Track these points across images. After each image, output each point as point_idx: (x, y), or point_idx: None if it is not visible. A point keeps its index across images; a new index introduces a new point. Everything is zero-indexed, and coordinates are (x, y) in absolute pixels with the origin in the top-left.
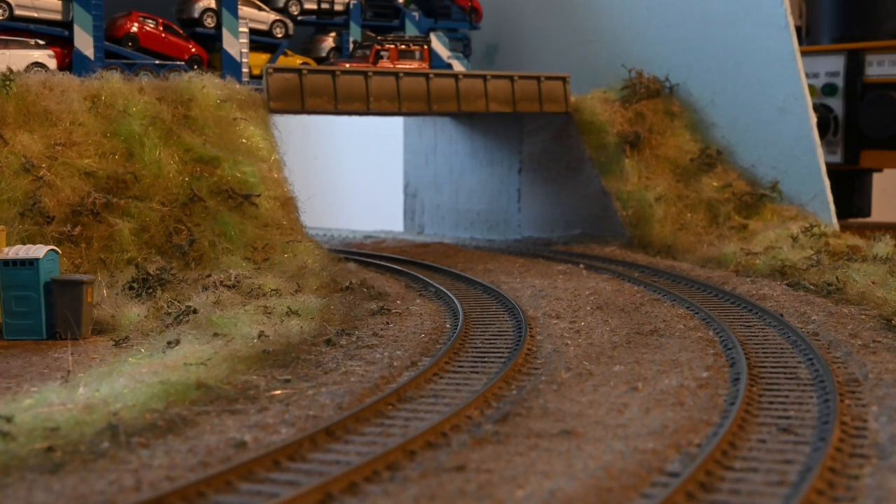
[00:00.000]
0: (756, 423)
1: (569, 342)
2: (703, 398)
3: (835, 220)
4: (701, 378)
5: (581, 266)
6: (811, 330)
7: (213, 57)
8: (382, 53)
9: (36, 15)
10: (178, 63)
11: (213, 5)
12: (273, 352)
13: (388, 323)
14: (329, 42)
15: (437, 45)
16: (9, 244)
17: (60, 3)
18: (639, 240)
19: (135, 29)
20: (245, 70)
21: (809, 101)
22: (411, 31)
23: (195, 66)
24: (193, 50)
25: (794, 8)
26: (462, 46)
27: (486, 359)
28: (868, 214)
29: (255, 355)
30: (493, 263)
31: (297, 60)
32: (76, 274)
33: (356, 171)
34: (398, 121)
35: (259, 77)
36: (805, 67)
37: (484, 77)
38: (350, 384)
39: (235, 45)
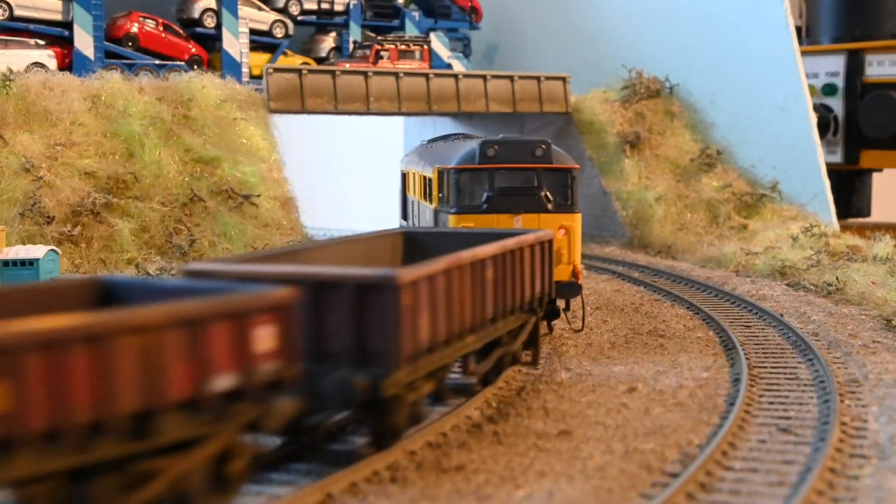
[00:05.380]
0: (756, 423)
1: (568, 342)
2: (703, 398)
3: (835, 220)
4: (700, 378)
5: None
6: (811, 330)
7: (213, 57)
8: (382, 53)
9: (36, 15)
10: (178, 63)
11: (213, 5)
12: None
13: None
14: (329, 42)
15: (437, 45)
16: (9, 244)
17: (60, 3)
18: (639, 240)
19: (135, 29)
20: (245, 70)
21: (809, 101)
22: (411, 31)
23: (195, 66)
24: (193, 50)
25: (794, 8)
26: (462, 46)
27: None
28: (868, 214)
29: None
30: None
31: (297, 60)
32: (76, 274)
33: (356, 171)
34: (398, 120)
35: (259, 77)
36: (805, 67)
37: (484, 77)
38: None
39: (235, 45)
